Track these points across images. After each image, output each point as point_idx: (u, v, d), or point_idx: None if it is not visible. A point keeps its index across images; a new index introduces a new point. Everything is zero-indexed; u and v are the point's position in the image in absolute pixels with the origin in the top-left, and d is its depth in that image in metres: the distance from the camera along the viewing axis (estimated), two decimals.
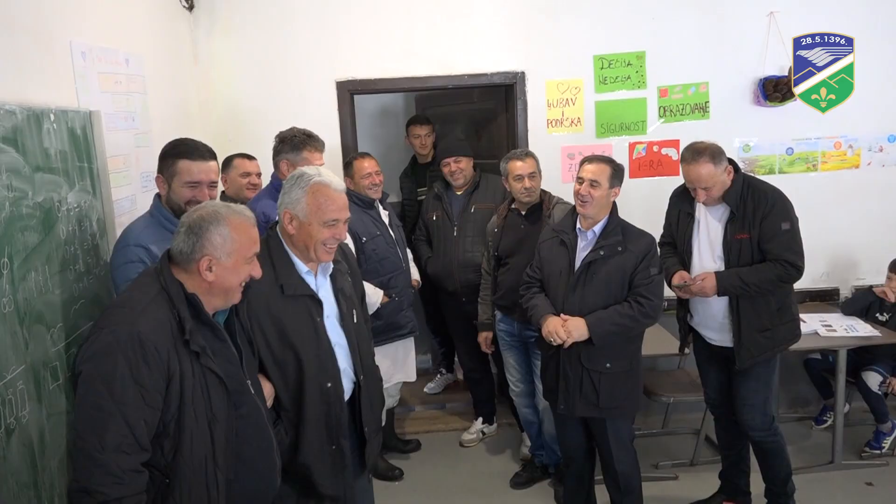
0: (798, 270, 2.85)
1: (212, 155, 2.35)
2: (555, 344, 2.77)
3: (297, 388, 2.13)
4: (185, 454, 1.72)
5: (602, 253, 2.77)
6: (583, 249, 2.85)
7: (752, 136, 4.20)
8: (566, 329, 2.73)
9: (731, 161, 2.90)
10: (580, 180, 2.82)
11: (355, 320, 2.28)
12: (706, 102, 4.16)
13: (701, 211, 3.01)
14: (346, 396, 2.23)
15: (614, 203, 2.88)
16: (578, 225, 2.88)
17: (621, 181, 2.86)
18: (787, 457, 3.14)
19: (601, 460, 3.01)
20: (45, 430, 1.90)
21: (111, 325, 1.66)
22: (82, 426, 1.62)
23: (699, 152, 2.83)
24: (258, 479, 1.91)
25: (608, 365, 2.78)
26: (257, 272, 1.87)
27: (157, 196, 2.33)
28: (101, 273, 2.30)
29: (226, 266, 1.79)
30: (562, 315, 2.79)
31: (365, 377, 2.28)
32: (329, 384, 2.16)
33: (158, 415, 1.67)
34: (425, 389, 4.83)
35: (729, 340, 2.99)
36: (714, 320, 3.04)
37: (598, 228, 2.84)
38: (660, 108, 4.16)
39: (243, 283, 1.86)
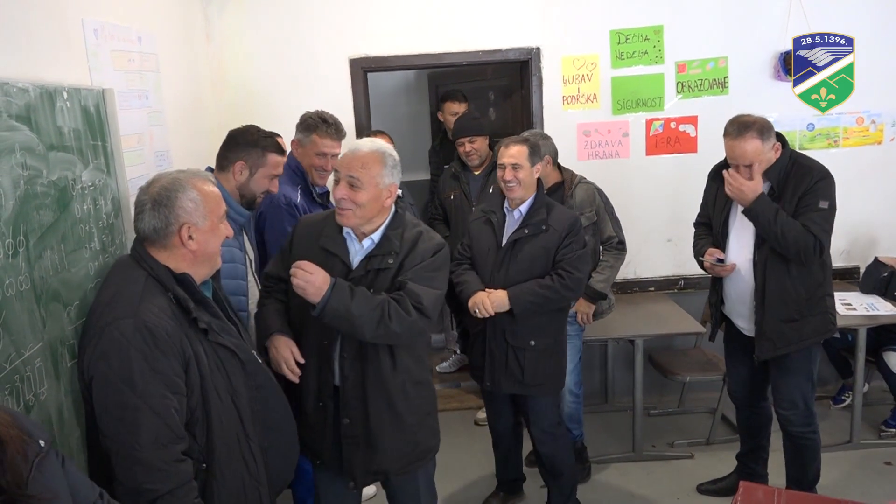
0: (817, 250, 2.66)
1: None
2: (479, 316, 2.82)
3: (299, 331, 2.20)
4: (218, 435, 1.70)
5: (527, 231, 2.85)
6: (509, 228, 2.92)
7: (772, 112, 4.08)
8: (490, 300, 2.79)
9: (779, 137, 2.72)
10: (502, 167, 2.87)
11: None
12: (725, 78, 4.08)
13: None
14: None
15: (539, 182, 2.94)
16: (506, 205, 2.94)
17: (542, 157, 2.94)
18: (820, 457, 2.98)
19: (533, 440, 3.09)
20: (63, 406, 1.91)
21: (113, 322, 1.60)
22: (112, 429, 1.58)
23: (746, 126, 2.64)
24: (287, 444, 1.94)
25: (532, 342, 2.85)
26: (230, 231, 1.84)
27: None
28: (116, 252, 2.30)
29: (204, 230, 1.75)
30: (486, 289, 2.85)
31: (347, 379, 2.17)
32: (326, 342, 2.16)
33: (185, 401, 1.64)
34: (437, 368, 4.84)
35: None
36: (744, 307, 2.90)
37: (524, 208, 2.90)
38: (678, 84, 4.09)
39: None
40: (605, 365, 4.35)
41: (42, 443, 1.18)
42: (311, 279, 2.02)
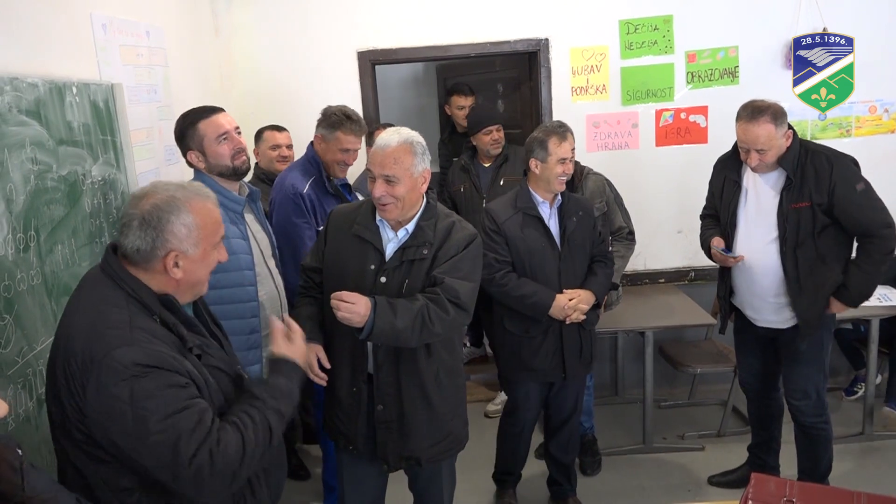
0: (891, 225, 2.66)
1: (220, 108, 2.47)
2: (579, 321, 2.85)
3: (333, 321, 2.13)
4: None
5: (574, 220, 2.88)
6: (550, 222, 2.89)
7: (783, 101, 4.01)
8: (580, 302, 2.83)
9: (789, 125, 2.71)
10: (563, 160, 2.79)
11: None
12: (736, 67, 4.05)
13: (750, 179, 2.81)
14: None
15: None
16: (539, 199, 2.88)
17: None
18: (832, 448, 2.96)
19: (560, 423, 3.11)
20: None
21: (108, 353, 1.40)
22: (155, 459, 1.41)
23: (760, 111, 2.63)
24: (281, 470, 1.83)
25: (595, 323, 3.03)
26: (223, 256, 1.67)
27: (199, 173, 2.39)
28: None
29: (194, 258, 1.56)
30: (564, 291, 2.84)
31: (383, 365, 2.20)
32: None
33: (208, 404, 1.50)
34: None
35: (781, 322, 2.81)
36: (762, 300, 2.84)
37: (557, 199, 2.90)
38: (688, 74, 4.05)
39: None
40: (615, 357, 4.34)
41: (19, 450, 1.14)
42: (355, 309, 2.01)
